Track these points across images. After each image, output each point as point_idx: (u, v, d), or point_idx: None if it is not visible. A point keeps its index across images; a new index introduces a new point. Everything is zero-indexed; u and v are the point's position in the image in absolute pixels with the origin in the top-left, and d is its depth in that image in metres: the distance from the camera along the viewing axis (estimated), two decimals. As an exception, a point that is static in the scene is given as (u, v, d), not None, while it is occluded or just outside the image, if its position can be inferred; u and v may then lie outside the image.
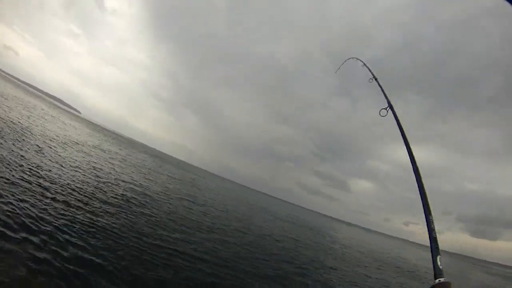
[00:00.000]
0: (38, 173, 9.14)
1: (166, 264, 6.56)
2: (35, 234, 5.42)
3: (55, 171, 10.31)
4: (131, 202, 10.75)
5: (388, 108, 3.30)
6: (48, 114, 39.45)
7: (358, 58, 5.40)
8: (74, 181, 10.26)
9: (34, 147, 12.53)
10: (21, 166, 8.92)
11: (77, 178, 10.94)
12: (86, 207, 8.03)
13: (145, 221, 9.17)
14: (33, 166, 9.55)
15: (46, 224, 5.99)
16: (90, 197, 9.21)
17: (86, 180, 11.24)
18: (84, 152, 18.91)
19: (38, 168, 9.72)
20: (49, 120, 31.01)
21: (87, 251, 5.64)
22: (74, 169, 12.27)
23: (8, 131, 12.81)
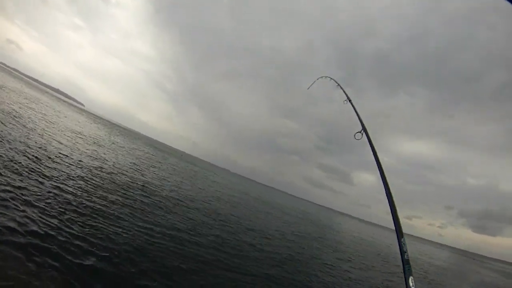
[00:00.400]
0: (43, 164, 9.11)
1: (174, 253, 6.68)
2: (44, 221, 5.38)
3: (58, 165, 10.04)
4: (135, 196, 10.43)
5: (362, 131, 3.29)
6: (51, 108, 39.19)
7: (331, 78, 5.01)
8: (77, 173, 10.09)
9: (38, 141, 12.28)
10: (24, 156, 8.88)
11: (80, 170, 10.76)
12: (92, 198, 7.99)
13: (145, 212, 9.00)
14: (37, 158, 9.48)
15: (53, 215, 5.90)
16: (94, 189, 9.05)
17: (90, 172, 11.11)
18: (87, 145, 18.73)
19: (43, 160, 9.64)
20: (52, 113, 30.77)
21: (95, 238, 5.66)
22: (78, 161, 12.03)
23: (10, 125, 12.49)
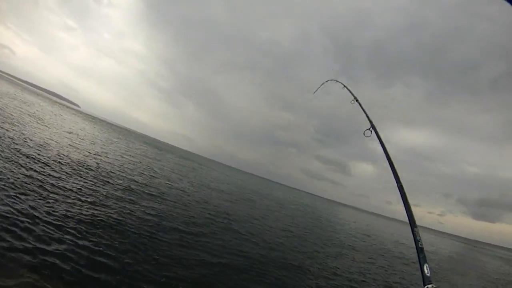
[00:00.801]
0: (42, 168, 9.20)
1: (181, 245, 7.16)
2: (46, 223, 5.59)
3: (57, 166, 10.21)
4: (135, 195, 10.51)
5: (371, 128, 3.39)
6: (47, 110, 38.80)
7: (337, 81, 5.18)
8: (78, 174, 10.31)
9: (36, 143, 12.45)
10: (21, 160, 9.03)
11: (80, 171, 10.95)
12: (92, 198, 8.19)
13: (146, 210, 9.05)
14: (35, 161, 9.65)
15: (57, 216, 6.14)
16: (94, 189, 9.24)
17: (89, 172, 11.28)
18: (84, 145, 18.99)
19: (42, 162, 9.81)
20: (48, 116, 30.53)
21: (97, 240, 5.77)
22: (76, 163, 12.01)
23: (6, 130, 12.58)
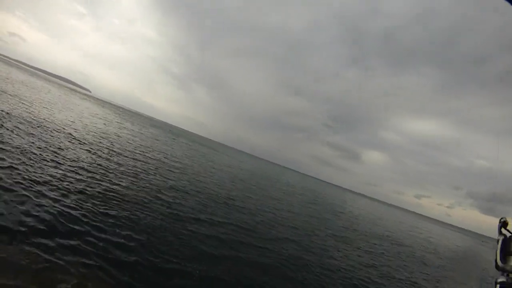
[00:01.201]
0: (58, 153, 9.06)
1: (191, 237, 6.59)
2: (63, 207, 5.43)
3: (72, 151, 10.02)
4: (149, 181, 10.10)
5: None
6: (58, 96, 39.20)
7: None
8: (89, 157, 10.09)
9: (50, 130, 12.15)
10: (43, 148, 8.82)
11: (92, 154, 10.72)
12: (108, 181, 8.07)
13: (161, 196, 8.80)
14: (53, 147, 9.51)
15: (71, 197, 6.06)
16: (108, 172, 9.07)
17: (102, 156, 11.10)
18: (98, 130, 18.68)
19: (58, 148, 9.64)
20: (60, 101, 30.68)
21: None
22: (88, 146, 11.95)
23: (21, 116, 12.29)
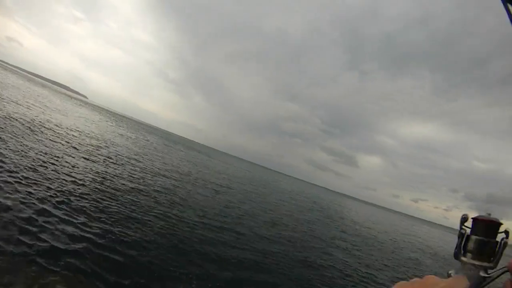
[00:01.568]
0: (53, 161, 8.94)
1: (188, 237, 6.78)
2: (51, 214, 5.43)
3: (66, 160, 9.84)
4: (143, 188, 10.00)
5: None
6: (54, 102, 39.32)
7: None
8: (87, 166, 10.05)
9: (43, 137, 11.97)
10: (29, 156, 8.59)
11: (88, 162, 10.67)
12: (101, 189, 8.02)
13: (158, 201, 8.93)
14: (44, 154, 9.34)
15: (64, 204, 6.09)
16: (103, 179, 9.07)
17: (98, 163, 11.08)
18: (94, 137, 18.68)
19: (52, 156, 9.48)
20: (55, 108, 30.74)
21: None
22: (84, 153, 11.92)
23: (13, 123, 12.06)
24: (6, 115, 12.76)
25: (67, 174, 8.25)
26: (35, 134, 11.80)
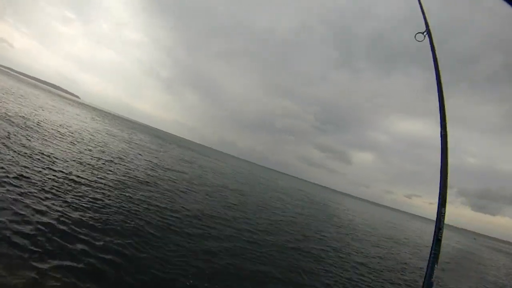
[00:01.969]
0: (48, 161, 9.06)
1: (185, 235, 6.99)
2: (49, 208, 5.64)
3: (60, 160, 9.88)
4: (139, 190, 9.76)
5: (425, 32, 2.51)
6: (46, 103, 38.59)
7: None
8: (80, 165, 10.16)
9: (37, 136, 12.11)
10: (27, 155, 8.77)
11: (83, 161, 10.73)
12: (97, 189, 8.07)
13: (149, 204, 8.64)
14: (40, 154, 9.49)
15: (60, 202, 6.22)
16: (98, 180, 9.01)
17: (93, 163, 11.09)
18: (87, 136, 18.46)
19: (47, 156, 9.60)
20: (48, 108, 30.46)
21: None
22: (80, 154, 11.95)
23: (9, 125, 12.17)
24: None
25: (63, 171, 8.47)
26: (27, 135, 11.79)
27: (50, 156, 9.81)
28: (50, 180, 7.44)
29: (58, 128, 16.74)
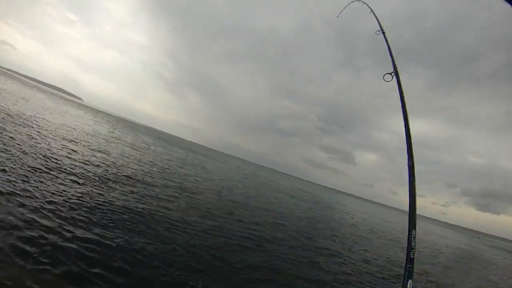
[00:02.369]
0: (52, 162, 8.95)
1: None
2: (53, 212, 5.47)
3: (63, 160, 9.83)
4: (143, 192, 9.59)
5: (393, 73, 2.77)
6: (49, 105, 38.73)
7: (364, 2, 4.61)
8: (85, 167, 9.92)
9: (41, 138, 11.91)
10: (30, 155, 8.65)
11: (86, 164, 10.55)
12: (98, 190, 7.98)
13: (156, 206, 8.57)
14: (43, 156, 9.32)
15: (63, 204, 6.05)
16: (100, 181, 8.91)
17: (96, 165, 10.93)
18: (90, 139, 18.17)
19: (50, 157, 9.41)
20: (51, 110, 30.17)
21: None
22: (83, 156, 11.78)
23: (13, 127, 12.03)
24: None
25: (67, 172, 8.42)
26: (31, 137, 11.74)
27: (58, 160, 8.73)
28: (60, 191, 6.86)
29: (58, 131, 15.72)
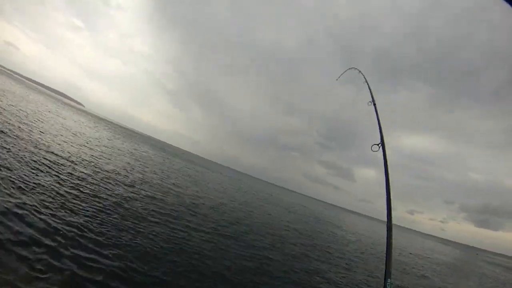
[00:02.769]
0: (50, 167, 8.83)
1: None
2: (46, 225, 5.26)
3: (62, 167, 9.57)
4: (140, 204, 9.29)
5: (380, 144, 3.01)
6: (50, 110, 38.33)
7: (360, 71, 5.02)
8: (80, 175, 9.59)
9: (39, 144, 11.51)
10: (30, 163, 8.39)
11: (84, 172, 10.23)
12: (95, 200, 7.76)
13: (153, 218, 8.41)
14: (42, 163, 9.07)
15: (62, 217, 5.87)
16: (97, 191, 8.64)
17: (95, 173, 10.70)
18: (88, 146, 17.68)
19: (48, 164, 9.20)
20: (51, 115, 29.86)
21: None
22: (80, 163, 11.40)
23: (13, 130, 11.71)
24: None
25: (67, 178, 8.34)
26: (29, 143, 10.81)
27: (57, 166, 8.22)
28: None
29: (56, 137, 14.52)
